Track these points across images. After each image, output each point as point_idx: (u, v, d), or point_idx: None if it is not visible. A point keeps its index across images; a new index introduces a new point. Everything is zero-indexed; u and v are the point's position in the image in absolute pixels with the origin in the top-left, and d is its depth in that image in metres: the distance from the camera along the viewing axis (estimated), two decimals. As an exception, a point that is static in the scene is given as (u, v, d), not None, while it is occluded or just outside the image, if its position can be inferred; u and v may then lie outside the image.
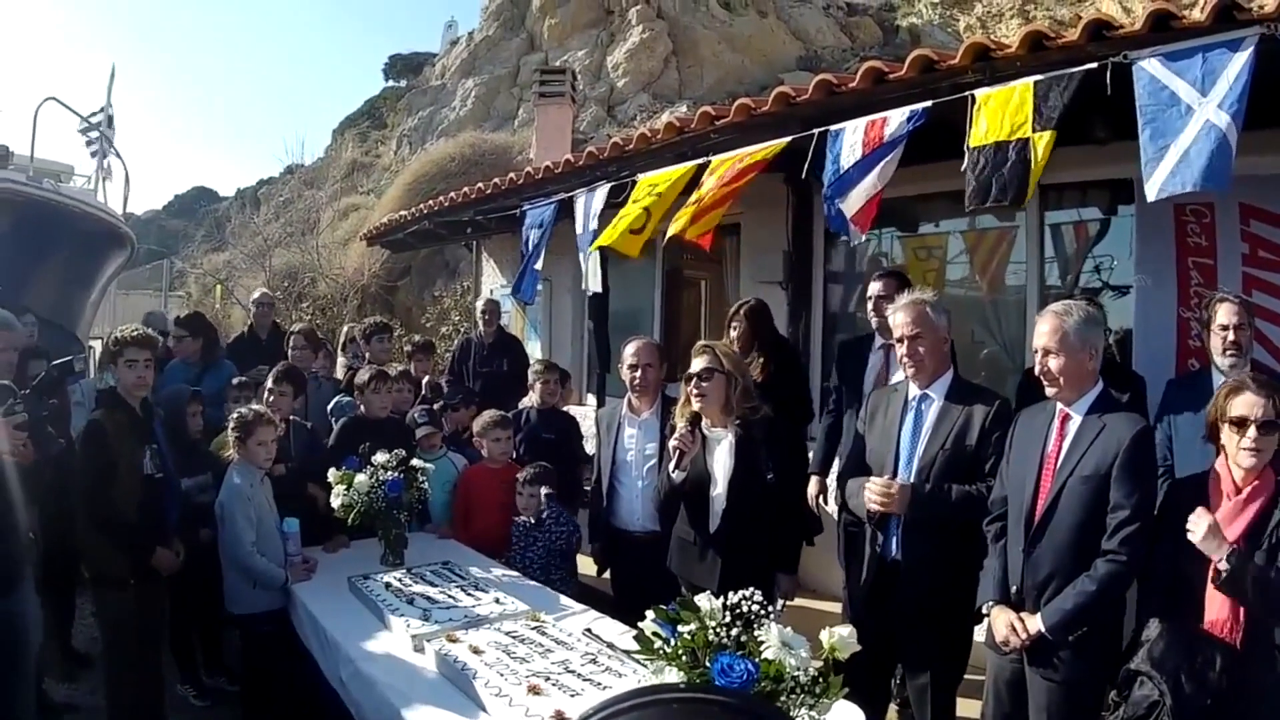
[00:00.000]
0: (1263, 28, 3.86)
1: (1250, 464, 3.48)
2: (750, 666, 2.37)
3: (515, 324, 11.97)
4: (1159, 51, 4.16)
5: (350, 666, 3.99)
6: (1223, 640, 3.40)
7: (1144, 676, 3.41)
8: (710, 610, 2.49)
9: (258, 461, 5.17)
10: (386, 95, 40.10)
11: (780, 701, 2.38)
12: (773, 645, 2.40)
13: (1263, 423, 3.44)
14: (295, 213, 24.63)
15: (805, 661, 2.44)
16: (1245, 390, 3.54)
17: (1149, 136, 4.09)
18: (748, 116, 6.12)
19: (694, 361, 4.71)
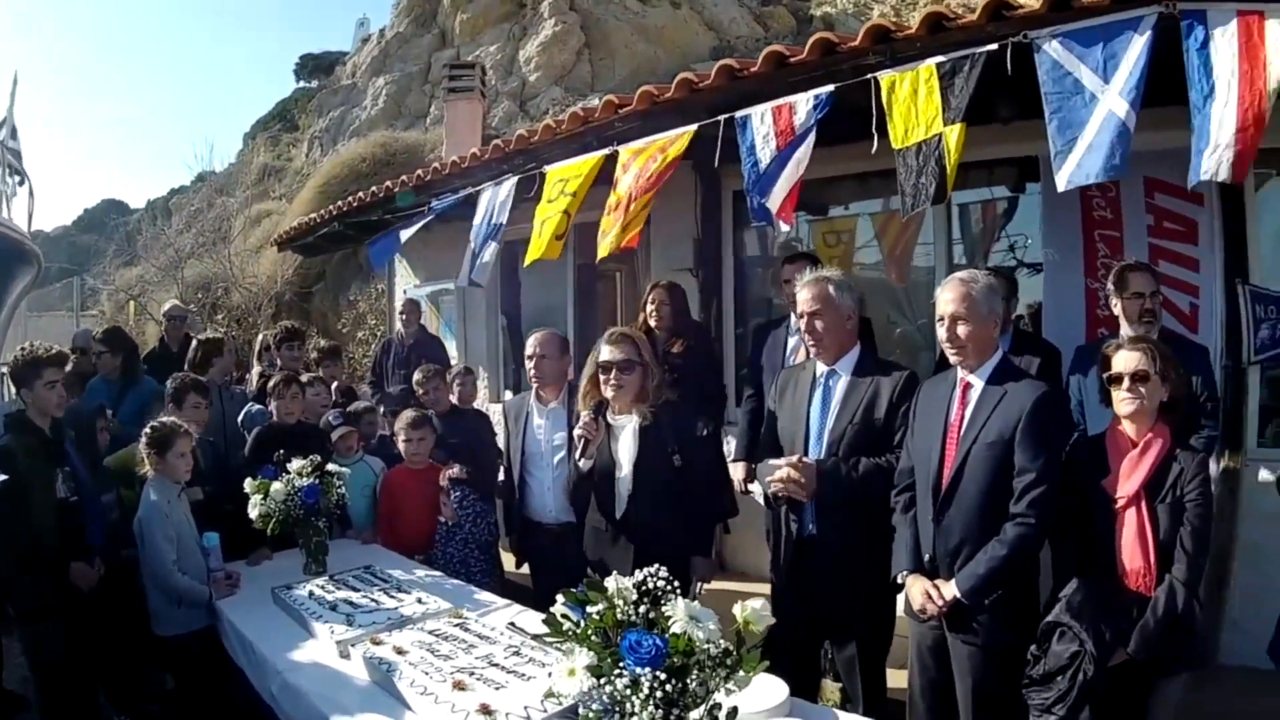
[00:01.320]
0: (1161, 6, 3.96)
1: (1127, 411, 3.71)
2: (659, 641, 2.39)
3: (430, 322, 11.93)
4: (1059, 31, 4.25)
5: (279, 679, 3.95)
6: (1138, 590, 3.56)
7: (1063, 628, 3.55)
8: (617, 589, 2.51)
9: (176, 475, 5.08)
10: (298, 96, 39.64)
11: (693, 675, 2.41)
12: (680, 619, 2.42)
13: (1135, 373, 3.68)
14: (207, 222, 24.18)
15: (714, 634, 2.46)
16: (1123, 348, 3.76)
17: (1056, 128, 4.20)
18: (651, 104, 6.16)
19: (609, 350, 4.69)
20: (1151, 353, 3.72)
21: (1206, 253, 5.95)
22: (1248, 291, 5.69)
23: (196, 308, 18.51)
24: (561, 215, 6.56)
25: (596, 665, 2.43)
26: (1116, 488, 3.70)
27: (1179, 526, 3.57)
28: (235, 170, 33.48)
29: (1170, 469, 3.64)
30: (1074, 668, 3.49)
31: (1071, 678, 3.50)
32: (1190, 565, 3.53)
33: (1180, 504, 3.58)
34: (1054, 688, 3.54)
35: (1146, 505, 3.62)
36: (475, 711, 3.21)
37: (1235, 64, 3.79)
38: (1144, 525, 3.60)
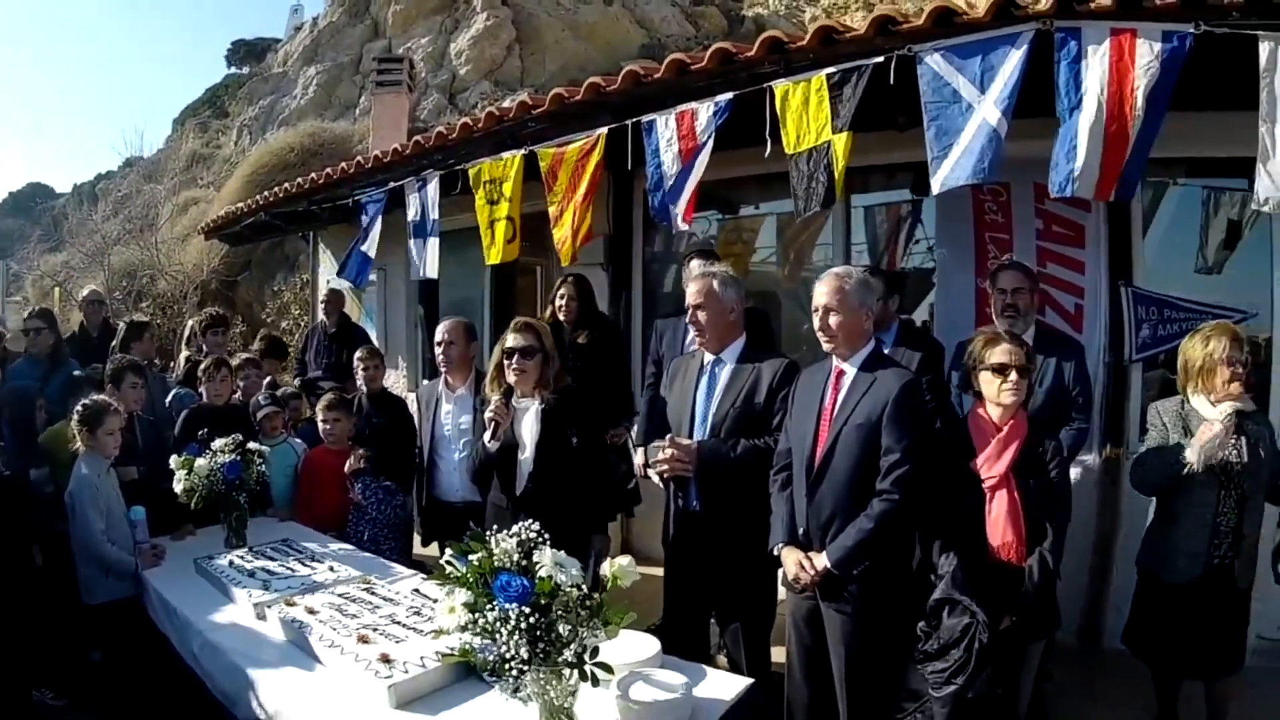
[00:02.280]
0: (1039, 23, 4.24)
1: (1010, 401, 4.01)
2: (525, 582, 2.69)
3: (353, 313, 12.04)
4: (941, 45, 4.51)
5: (200, 638, 4.17)
6: (1009, 562, 3.89)
7: (951, 603, 3.79)
8: (495, 541, 2.81)
9: (106, 451, 5.25)
10: (229, 83, 38.77)
11: (556, 614, 2.71)
12: (546, 565, 2.73)
13: (1020, 367, 3.99)
14: (134, 208, 23.79)
15: (576, 579, 2.75)
16: (1002, 341, 4.04)
17: (934, 134, 4.49)
18: (561, 106, 6.37)
19: (512, 337, 4.93)
20: (1024, 347, 4.09)
21: (1092, 256, 6.25)
22: (1130, 293, 6.03)
23: (122, 295, 18.38)
24: (506, 221, 6.82)
25: (472, 602, 2.73)
26: (984, 469, 3.99)
27: (1044, 504, 3.92)
28: (164, 156, 32.87)
29: (1034, 452, 3.99)
30: (968, 638, 3.74)
31: (967, 648, 3.73)
32: (1055, 538, 3.90)
33: (1045, 483, 3.94)
34: (951, 659, 3.77)
35: (1016, 484, 3.93)
36: (376, 660, 3.49)
37: (1104, 81, 4.07)
38: (1014, 503, 3.90)
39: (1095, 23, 4.17)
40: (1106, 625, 6.01)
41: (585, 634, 2.77)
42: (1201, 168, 6.28)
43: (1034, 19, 4.29)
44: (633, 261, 8.44)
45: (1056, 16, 4.24)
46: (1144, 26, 4.05)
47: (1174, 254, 6.40)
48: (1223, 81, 4.53)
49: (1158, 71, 3.99)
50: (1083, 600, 6.03)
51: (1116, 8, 4.17)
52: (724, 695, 3.37)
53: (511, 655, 2.69)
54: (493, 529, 2.88)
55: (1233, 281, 6.17)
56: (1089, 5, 4.23)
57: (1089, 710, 5.18)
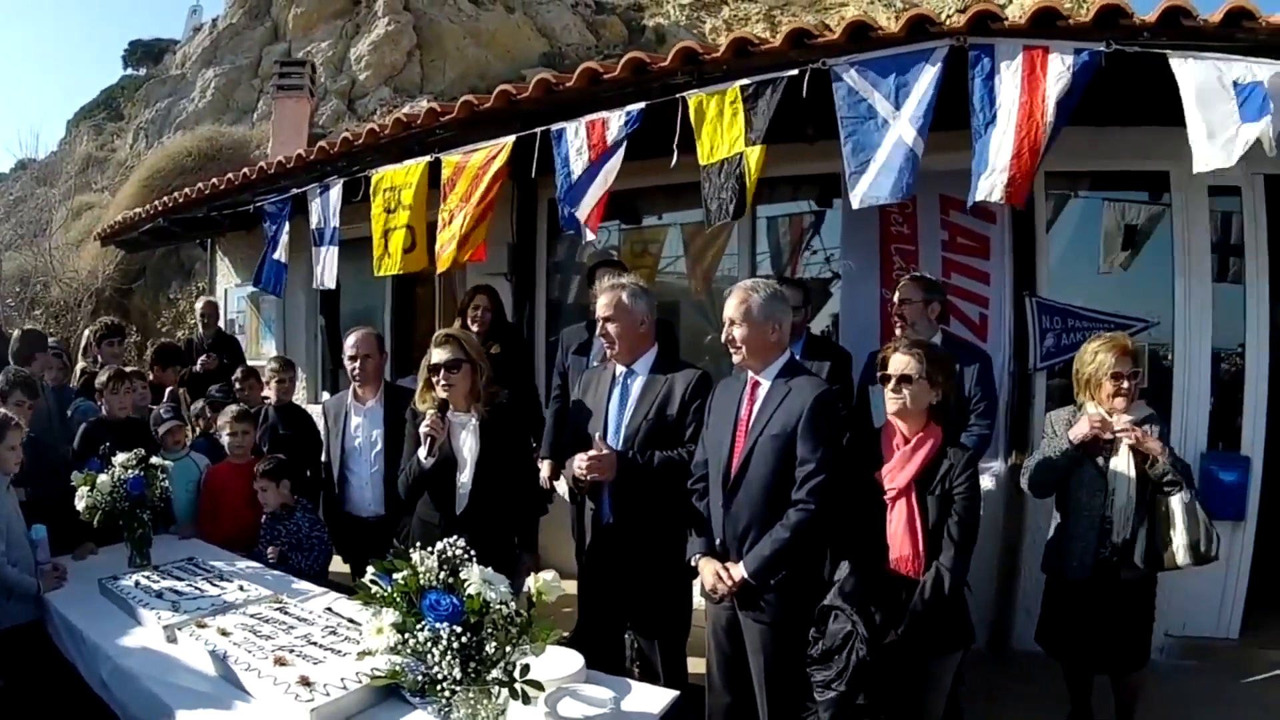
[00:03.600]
0: (952, 40, 4.33)
1: (892, 409, 4.05)
2: (455, 600, 2.67)
3: (250, 323, 11.86)
4: (856, 60, 4.59)
5: (109, 664, 4.05)
6: (906, 574, 3.88)
7: (837, 610, 3.80)
8: (420, 558, 2.78)
9: (7, 467, 5.03)
10: (125, 84, 37.74)
11: (486, 632, 2.69)
12: (474, 582, 2.71)
13: (900, 376, 3.98)
14: (27, 212, 23.37)
15: (505, 595, 2.74)
16: (897, 350, 4.04)
17: (850, 150, 4.53)
18: (471, 113, 6.35)
19: (436, 352, 4.80)
20: (920, 357, 3.98)
21: (997, 267, 6.37)
22: (1035, 304, 6.16)
23: (14, 302, 17.95)
24: (405, 230, 6.74)
25: (401, 622, 2.70)
26: (886, 480, 4.00)
27: (947, 518, 3.87)
28: (57, 159, 32.05)
29: (940, 465, 3.94)
30: (848, 647, 3.75)
31: (846, 656, 3.75)
32: (957, 553, 3.83)
33: (949, 497, 3.88)
34: (833, 665, 3.79)
35: (916, 497, 3.91)
36: (295, 683, 3.42)
37: (1017, 94, 4.15)
38: (914, 515, 3.89)
39: (1008, 40, 4.27)
40: (1016, 629, 6.15)
41: (514, 652, 2.76)
42: (1104, 181, 6.48)
43: (948, 35, 4.39)
44: (537, 271, 8.43)
45: (970, 34, 4.35)
46: (1056, 44, 4.14)
47: (1077, 264, 6.59)
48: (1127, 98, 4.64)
49: (1069, 82, 4.08)
50: (991, 605, 6.11)
51: (1029, 26, 4.29)
52: (651, 708, 3.38)
53: (444, 676, 2.66)
54: (416, 546, 2.85)
55: (1135, 291, 6.35)
56: (1002, 24, 4.35)
57: (1000, 713, 5.25)
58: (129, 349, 14.65)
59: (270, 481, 5.72)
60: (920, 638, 3.80)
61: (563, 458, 4.98)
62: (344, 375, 6.33)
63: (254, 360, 9.63)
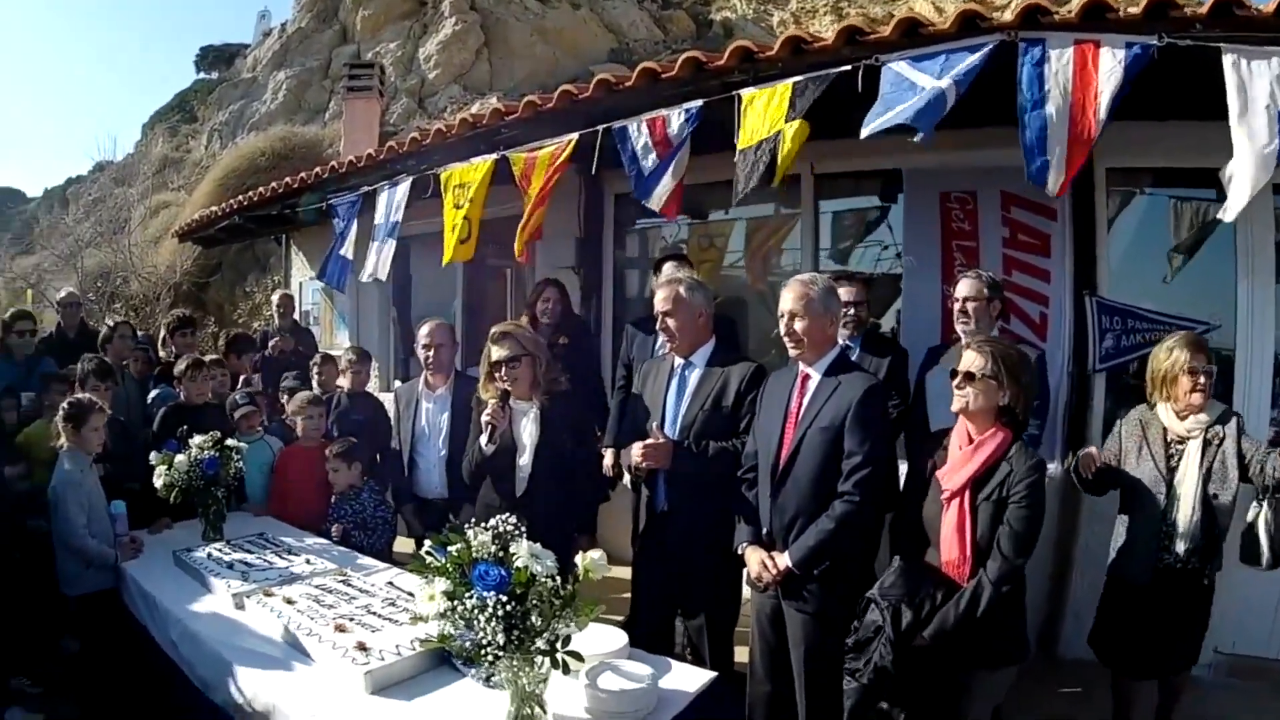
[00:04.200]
0: (1003, 35, 4.31)
1: (955, 407, 3.91)
2: (503, 572, 2.82)
3: (325, 314, 12.13)
4: (907, 55, 4.56)
5: (180, 627, 4.26)
6: (950, 578, 3.76)
7: (873, 603, 3.79)
8: (473, 533, 2.94)
9: (90, 448, 5.34)
10: (198, 88, 38.49)
11: (532, 604, 2.83)
12: (523, 556, 2.85)
13: (965, 373, 3.85)
14: (105, 211, 23.83)
15: (550, 569, 2.88)
16: (969, 349, 3.96)
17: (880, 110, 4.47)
18: (535, 112, 6.46)
19: (495, 349, 4.93)
20: (990, 354, 3.82)
21: (1058, 265, 6.30)
22: (1095, 303, 6.08)
23: (95, 296, 18.35)
24: (463, 221, 6.88)
25: (451, 590, 2.86)
26: (944, 479, 3.86)
27: (998, 525, 3.67)
28: (133, 160, 32.77)
29: (998, 470, 3.73)
30: (876, 641, 3.72)
31: (873, 650, 3.74)
32: (1004, 566, 3.61)
33: (1003, 504, 3.67)
34: (862, 656, 3.78)
35: (970, 500, 3.74)
36: (353, 648, 3.61)
37: (1069, 87, 4.11)
38: (964, 519, 3.74)
39: (1059, 34, 4.23)
40: (1064, 634, 6.08)
41: (558, 623, 2.89)
42: (1167, 177, 6.36)
43: (998, 30, 4.36)
44: (603, 265, 8.52)
45: (1021, 28, 4.31)
46: (1107, 38, 4.10)
47: (1139, 264, 6.47)
48: (1187, 92, 4.59)
49: (1120, 77, 4.02)
50: (1040, 609, 6.04)
51: (1080, 20, 4.26)
52: (688, 687, 3.48)
53: (488, 641, 2.80)
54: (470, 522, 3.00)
55: (1197, 293, 6.19)
56: (1053, 18, 4.31)
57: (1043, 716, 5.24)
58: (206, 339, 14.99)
59: (343, 462, 5.93)
60: (955, 647, 3.68)
61: (625, 446, 5.06)
62: (415, 364, 6.51)
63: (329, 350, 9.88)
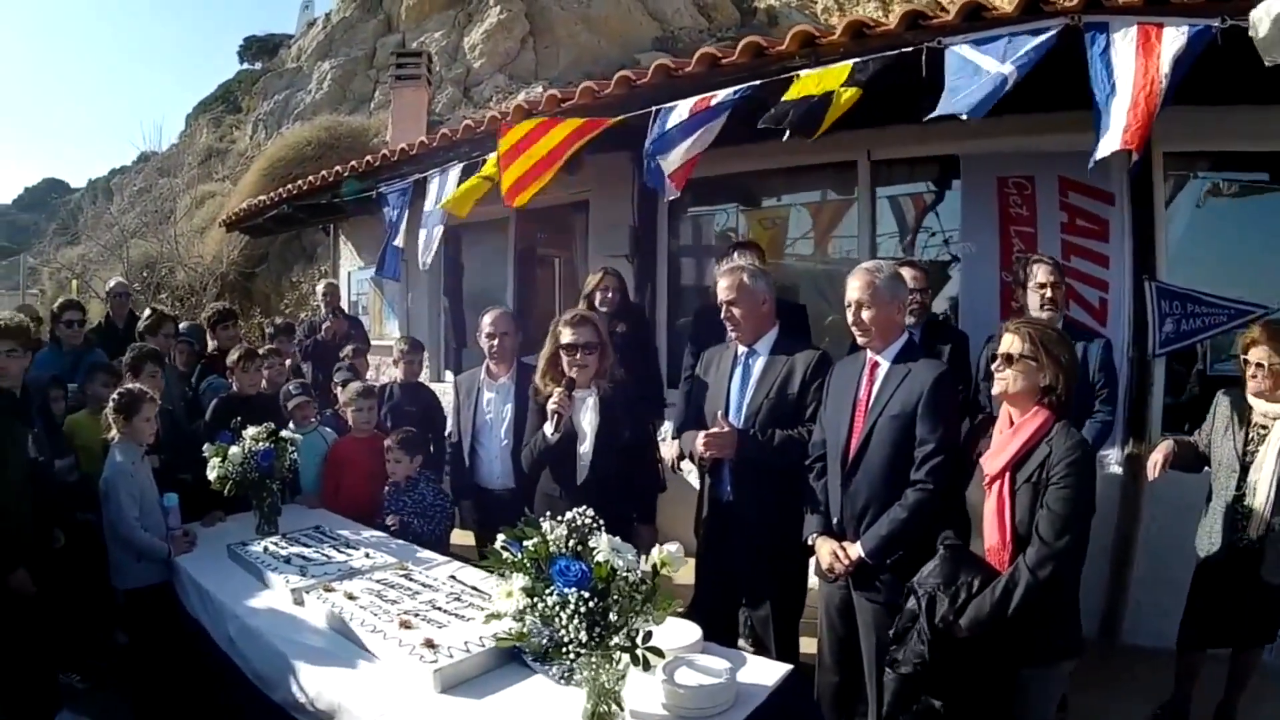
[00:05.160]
0: (1067, 19, 4.25)
1: (995, 391, 3.83)
2: (584, 567, 2.73)
3: (374, 304, 12.16)
4: (970, 38, 4.52)
5: (237, 623, 4.20)
6: (991, 566, 3.66)
7: (912, 591, 3.70)
8: (550, 526, 2.85)
9: (142, 438, 5.26)
10: (241, 78, 38.72)
11: (613, 599, 2.74)
12: (603, 550, 2.77)
13: (1005, 355, 3.74)
14: (150, 202, 24.00)
15: (632, 563, 2.80)
16: (1007, 331, 3.83)
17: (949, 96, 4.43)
18: (592, 99, 6.39)
19: (572, 333, 4.91)
20: (1028, 336, 3.70)
21: (1116, 250, 6.25)
22: (1154, 288, 6.02)
23: (141, 286, 18.48)
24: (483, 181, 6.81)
25: (530, 587, 2.77)
26: (986, 464, 3.78)
27: (1036, 509, 3.53)
28: (178, 151, 33.06)
29: (1036, 452, 3.60)
30: (914, 629, 3.64)
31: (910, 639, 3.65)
32: (1042, 550, 3.45)
33: (1041, 487, 3.54)
34: (904, 644, 3.67)
35: (1010, 484, 3.64)
36: (420, 645, 3.53)
37: (1133, 59, 4.04)
38: (1003, 504, 3.64)
39: (1122, 18, 4.18)
40: (1125, 621, 6.06)
41: (637, 619, 2.81)
42: (1224, 161, 6.32)
43: (1062, 14, 4.31)
44: (657, 253, 8.43)
45: (1084, 12, 4.26)
46: (1170, 21, 4.05)
47: (1196, 247, 6.42)
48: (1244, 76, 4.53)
49: (1183, 45, 3.98)
50: (1103, 595, 6.04)
51: (1144, 4, 4.20)
52: (765, 680, 3.39)
53: (570, 639, 2.72)
54: (545, 516, 2.92)
55: (1256, 276, 6.14)
56: (1116, 1, 4.26)
57: (1104, 703, 5.16)
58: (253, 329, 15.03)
59: (404, 453, 5.88)
60: (1000, 640, 3.53)
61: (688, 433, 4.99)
62: (468, 355, 6.42)
63: (378, 340, 9.88)
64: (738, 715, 3.14)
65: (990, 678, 3.62)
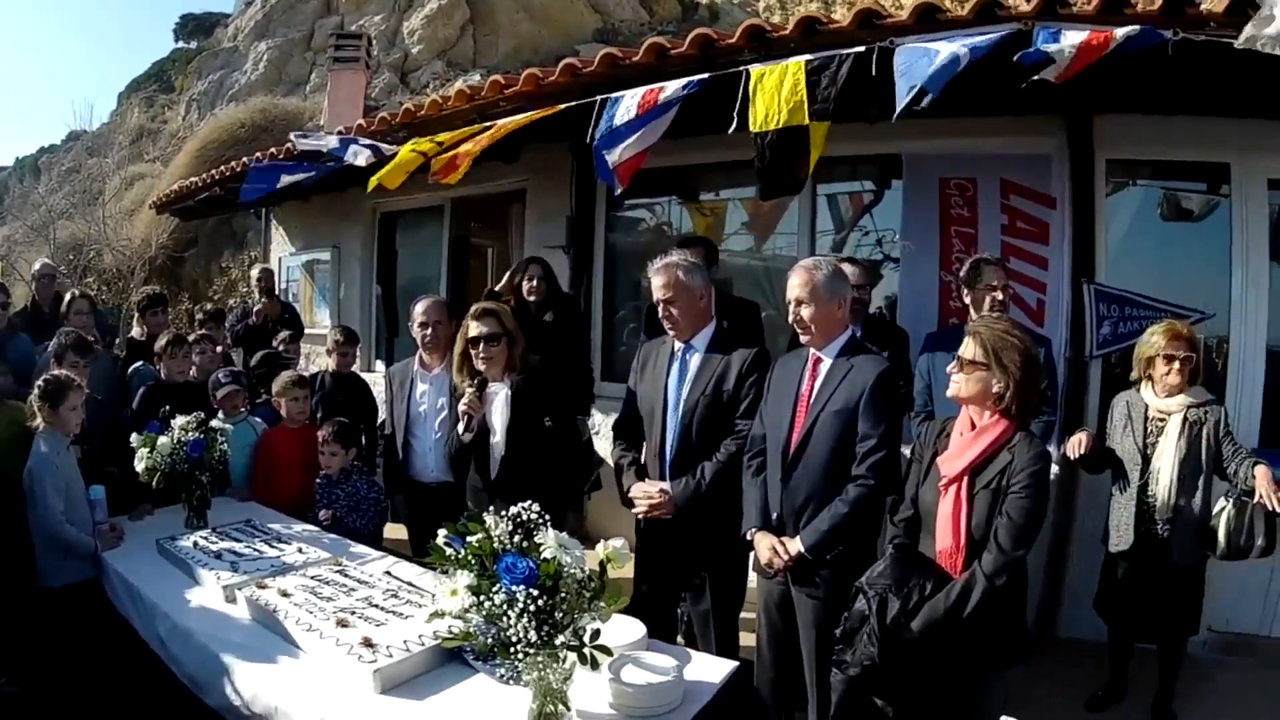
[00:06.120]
0: (1020, 24, 4.29)
1: (948, 394, 3.77)
2: (532, 564, 2.66)
3: (305, 291, 12.01)
4: (924, 39, 4.49)
5: (167, 622, 4.07)
6: (943, 569, 3.60)
7: (861, 591, 3.65)
8: (494, 522, 2.78)
9: (69, 428, 5.11)
10: (176, 57, 38.07)
11: (561, 597, 2.68)
12: (550, 546, 2.70)
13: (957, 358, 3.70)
14: (79, 182, 23.65)
15: (579, 560, 2.73)
16: (967, 334, 3.78)
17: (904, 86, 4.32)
18: (536, 86, 6.32)
19: (474, 325, 4.94)
20: (982, 342, 3.63)
21: (1056, 252, 6.34)
22: (1093, 290, 6.11)
23: (67, 269, 18.18)
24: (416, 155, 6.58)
25: (476, 584, 2.69)
26: (943, 466, 3.71)
27: (994, 516, 3.49)
28: (109, 130, 32.46)
29: (995, 459, 3.56)
30: (863, 631, 3.61)
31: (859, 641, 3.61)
32: (999, 558, 3.42)
33: (1000, 494, 3.50)
34: (853, 646, 3.62)
35: (966, 488, 3.59)
36: (358, 644, 3.44)
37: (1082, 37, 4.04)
38: (959, 508, 3.59)
39: (1075, 25, 4.20)
40: (1063, 614, 6.18)
41: (584, 616, 2.75)
42: (1164, 170, 6.43)
43: (1015, 19, 4.36)
44: (594, 245, 8.41)
45: (1038, 19, 4.31)
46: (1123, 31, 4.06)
47: (1135, 253, 6.51)
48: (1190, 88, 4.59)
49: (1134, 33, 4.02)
50: (1038, 588, 6.08)
51: (1097, 13, 4.25)
52: (712, 678, 3.37)
53: (518, 639, 2.65)
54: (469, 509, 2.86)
55: (1192, 282, 6.27)
56: (1070, 9, 4.33)
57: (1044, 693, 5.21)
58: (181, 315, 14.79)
59: (340, 445, 5.77)
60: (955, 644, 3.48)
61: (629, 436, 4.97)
62: (399, 345, 6.32)
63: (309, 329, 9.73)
64: (686, 713, 3.11)
65: (940, 681, 3.59)
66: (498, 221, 11.00)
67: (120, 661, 4.67)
